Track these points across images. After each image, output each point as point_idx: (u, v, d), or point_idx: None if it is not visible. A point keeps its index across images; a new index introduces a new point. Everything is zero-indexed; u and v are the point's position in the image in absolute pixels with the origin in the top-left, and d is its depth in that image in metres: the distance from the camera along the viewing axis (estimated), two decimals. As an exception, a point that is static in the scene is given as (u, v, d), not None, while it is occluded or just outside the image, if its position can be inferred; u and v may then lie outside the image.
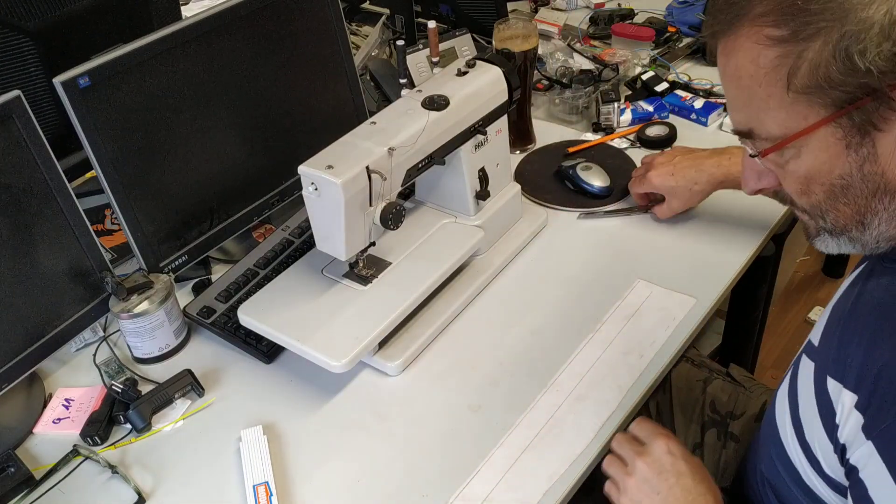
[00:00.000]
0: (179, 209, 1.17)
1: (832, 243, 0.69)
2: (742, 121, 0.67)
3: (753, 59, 0.61)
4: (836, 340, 0.69)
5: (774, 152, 0.65)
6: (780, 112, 0.62)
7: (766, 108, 0.63)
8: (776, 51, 0.60)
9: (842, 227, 0.66)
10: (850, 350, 0.66)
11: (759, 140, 0.66)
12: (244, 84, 1.19)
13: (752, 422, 1.12)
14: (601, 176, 1.34)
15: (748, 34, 0.61)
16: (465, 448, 0.96)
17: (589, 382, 1.02)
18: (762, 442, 0.84)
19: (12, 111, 0.95)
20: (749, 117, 0.65)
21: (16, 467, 0.97)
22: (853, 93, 0.58)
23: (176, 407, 1.05)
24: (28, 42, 1.12)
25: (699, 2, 1.77)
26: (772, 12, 0.60)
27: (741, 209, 1.28)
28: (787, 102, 0.61)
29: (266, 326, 1.05)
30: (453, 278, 1.16)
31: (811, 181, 0.65)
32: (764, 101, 0.63)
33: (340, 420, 1.01)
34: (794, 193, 0.68)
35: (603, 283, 1.17)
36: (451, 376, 1.06)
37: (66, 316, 1.07)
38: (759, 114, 0.64)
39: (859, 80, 0.57)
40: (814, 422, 0.70)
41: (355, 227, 1.00)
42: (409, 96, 1.10)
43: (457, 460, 0.94)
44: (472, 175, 1.16)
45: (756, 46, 0.61)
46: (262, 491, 0.92)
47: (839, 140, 0.61)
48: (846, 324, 0.69)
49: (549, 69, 1.62)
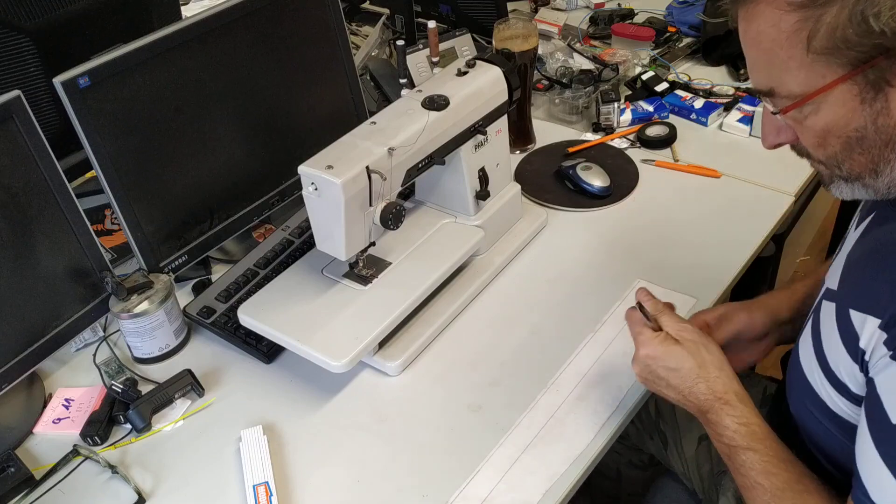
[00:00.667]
0: (179, 209, 1.17)
1: (846, 189, 0.74)
2: (763, 81, 0.71)
3: (774, 23, 0.66)
4: (859, 279, 0.74)
5: (795, 109, 0.69)
6: (800, 72, 0.66)
7: (787, 68, 0.67)
8: (796, 16, 0.64)
9: (856, 174, 0.71)
10: (876, 285, 0.70)
11: (779, 98, 0.70)
12: (244, 84, 1.19)
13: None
14: (601, 176, 1.34)
15: (768, 1, 0.65)
16: (465, 448, 0.96)
17: (589, 382, 1.02)
18: (789, 389, 0.86)
19: (12, 111, 0.95)
20: (770, 77, 0.70)
21: (16, 467, 0.97)
22: (868, 52, 0.62)
23: (176, 407, 1.05)
24: (28, 42, 1.12)
25: (699, 2, 1.77)
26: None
27: (741, 209, 1.28)
28: (807, 63, 0.65)
29: (266, 326, 1.05)
30: (453, 278, 1.16)
31: (828, 134, 0.70)
32: (784, 63, 0.67)
33: (340, 420, 1.01)
34: (811, 146, 0.73)
35: (603, 283, 1.17)
36: (451, 376, 1.06)
37: (66, 316, 1.07)
38: (780, 74, 0.68)
39: (874, 41, 0.61)
40: (838, 350, 0.73)
41: (355, 227, 1.00)
42: (409, 96, 1.10)
43: (457, 460, 0.94)
44: (472, 175, 1.16)
45: (777, 12, 0.65)
46: (262, 491, 0.92)
47: (855, 96, 0.66)
48: (868, 264, 0.74)
49: (549, 69, 1.62)
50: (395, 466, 0.95)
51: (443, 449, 0.96)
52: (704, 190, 1.34)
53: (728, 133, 1.47)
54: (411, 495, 0.91)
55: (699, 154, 1.42)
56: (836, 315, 0.74)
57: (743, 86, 1.57)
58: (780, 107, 0.71)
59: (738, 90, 1.56)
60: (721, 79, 1.62)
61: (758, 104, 1.43)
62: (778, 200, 1.29)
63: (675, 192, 1.34)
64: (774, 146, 0.78)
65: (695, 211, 1.29)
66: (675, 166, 1.39)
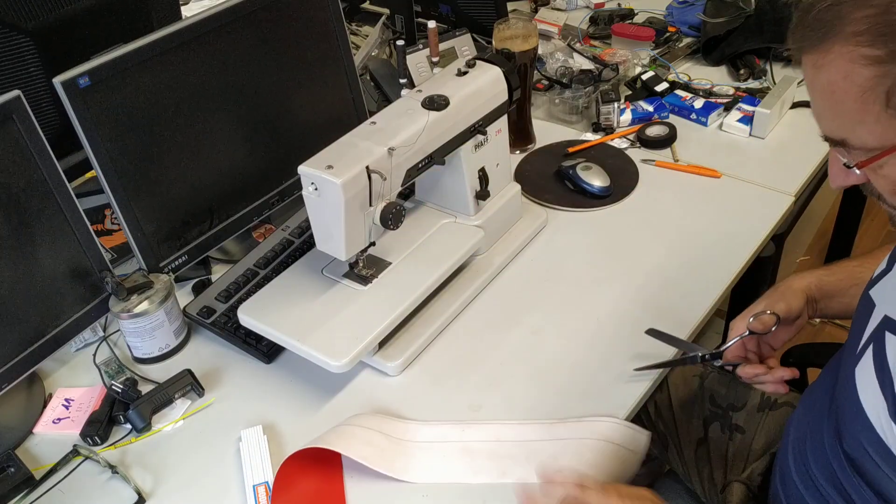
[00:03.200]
0: (179, 209, 1.17)
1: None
2: (833, 130, 0.68)
3: (847, 75, 0.62)
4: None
5: (872, 164, 0.67)
6: (876, 126, 0.64)
7: (861, 121, 0.64)
8: (873, 70, 0.61)
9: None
10: None
11: (853, 149, 0.67)
12: (244, 84, 1.19)
13: (755, 412, 1.12)
14: (601, 176, 1.34)
15: (840, 52, 0.62)
16: (465, 448, 0.96)
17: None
18: (841, 420, 0.82)
19: (12, 111, 0.95)
20: (841, 128, 0.67)
21: (16, 467, 0.97)
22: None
23: (176, 407, 1.05)
24: (28, 42, 1.12)
25: (699, 2, 1.77)
26: (867, 32, 0.61)
27: (741, 209, 1.28)
28: (885, 118, 0.62)
29: (266, 326, 1.05)
30: (453, 278, 1.16)
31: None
32: (858, 115, 0.64)
33: (340, 420, 1.01)
34: (887, 193, 0.70)
35: (603, 283, 1.17)
36: (451, 376, 1.06)
37: (66, 316, 1.07)
38: (853, 126, 0.65)
39: None
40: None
41: (355, 227, 1.00)
42: (409, 96, 1.10)
43: (457, 460, 0.94)
44: (472, 175, 1.16)
45: (850, 64, 0.62)
46: (262, 491, 0.92)
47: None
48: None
49: (549, 69, 1.62)
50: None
51: (443, 449, 0.96)
52: (704, 190, 1.34)
53: (728, 133, 1.47)
54: (411, 495, 0.91)
55: (699, 154, 1.42)
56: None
57: (743, 86, 1.57)
58: (856, 160, 0.68)
59: (738, 90, 1.56)
60: (721, 79, 1.62)
61: (758, 104, 1.43)
62: (778, 200, 1.29)
63: (675, 192, 1.34)
64: (843, 188, 0.74)
65: (695, 211, 1.29)
66: (675, 166, 1.39)
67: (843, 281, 0.99)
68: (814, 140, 0.76)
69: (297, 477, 0.92)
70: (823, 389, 0.88)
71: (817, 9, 0.64)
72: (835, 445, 0.81)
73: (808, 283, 1.00)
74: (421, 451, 0.95)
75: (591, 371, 1.04)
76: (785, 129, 1.46)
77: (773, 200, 1.29)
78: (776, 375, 0.97)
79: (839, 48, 0.62)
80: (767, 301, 1.00)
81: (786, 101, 1.47)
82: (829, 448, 0.82)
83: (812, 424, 0.88)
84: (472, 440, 0.96)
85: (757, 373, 0.97)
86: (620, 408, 0.98)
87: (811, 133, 0.76)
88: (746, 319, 0.99)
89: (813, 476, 0.85)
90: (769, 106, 1.42)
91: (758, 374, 0.97)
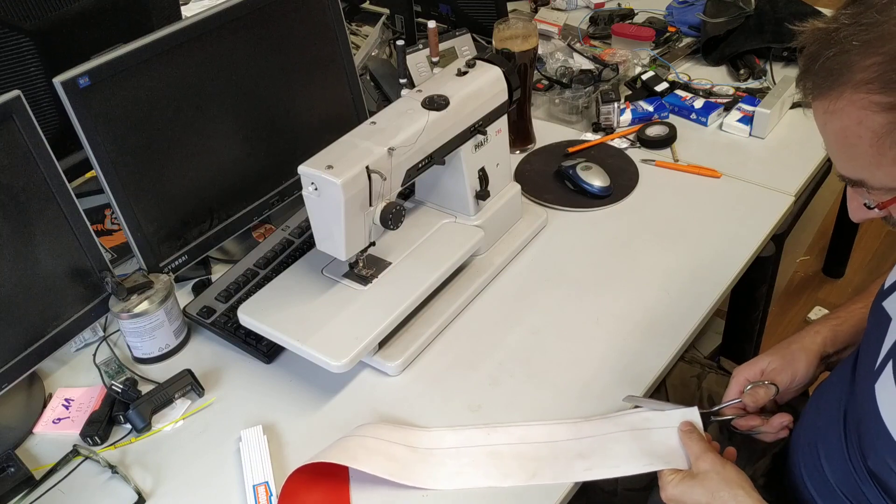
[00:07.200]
0: (179, 209, 1.17)
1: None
2: (850, 172, 0.69)
3: (859, 121, 0.63)
4: None
5: (892, 204, 0.68)
6: (893, 168, 0.65)
7: (878, 164, 0.65)
8: (885, 116, 0.62)
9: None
10: None
11: (872, 189, 0.68)
12: (244, 84, 1.19)
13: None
14: (601, 176, 1.34)
15: (851, 99, 0.63)
16: (465, 448, 0.96)
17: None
18: (866, 439, 0.81)
19: (12, 111, 0.95)
20: (858, 170, 0.68)
21: (16, 467, 0.97)
22: None
23: (176, 407, 1.05)
24: (28, 42, 1.12)
25: (699, 2, 1.77)
26: (877, 80, 0.61)
27: (741, 209, 1.28)
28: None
29: (266, 326, 1.05)
30: (453, 278, 1.16)
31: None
32: (874, 159, 0.65)
33: (340, 420, 1.01)
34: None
35: (603, 283, 1.17)
36: (451, 376, 1.06)
37: (66, 316, 1.07)
38: (870, 169, 0.66)
39: None
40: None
41: (355, 227, 1.00)
42: (409, 96, 1.10)
43: (457, 460, 0.94)
44: (472, 175, 1.16)
45: (862, 111, 0.63)
46: (262, 491, 0.92)
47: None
48: None
49: (549, 69, 1.62)
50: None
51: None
52: (704, 190, 1.34)
53: (728, 133, 1.47)
54: (412, 495, 0.91)
55: (699, 154, 1.42)
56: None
57: (743, 86, 1.57)
58: (876, 201, 0.69)
59: (737, 90, 1.56)
60: (721, 79, 1.62)
61: (758, 104, 1.43)
62: (778, 200, 1.29)
63: (675, 192, 1.34)
64: (864, 221, 0.75)
65: (695, 211, 1.29)
66: (675, 166, 1.39)
67: (855, 327, 0.97)
68: (814, 140, 0.76)
69: (304, 485, 0.92)
70: (835, 396, 0.87)
71: (824, 57, 0.64)
72: (858, 461, 0.80)
73: (822, 340, 0.98)
74: (449, 458, 0.94)
75: (590, 371, 1.04)
76: (785, 129, 1.46)
77: (773, 200, 1.29)
78: (773, 425, 0.95)
79: (850, 95, 0.63)
80: (773, 361, 0.96)
81: (786, 101, 1.47)
82: (851, 463, 0.81)
83: (823, 431, 0.87)
84: (499, 443, 0.95)
85: (752, 425, 0.96)
86: (620, 408, 0.98)
87: (811, 133, 0.76)
88: (746, 375, 0.96)
89: (830, 485, 0.85)
90: (769, 106, 1.42)
91: (754, 427, 0.96)
